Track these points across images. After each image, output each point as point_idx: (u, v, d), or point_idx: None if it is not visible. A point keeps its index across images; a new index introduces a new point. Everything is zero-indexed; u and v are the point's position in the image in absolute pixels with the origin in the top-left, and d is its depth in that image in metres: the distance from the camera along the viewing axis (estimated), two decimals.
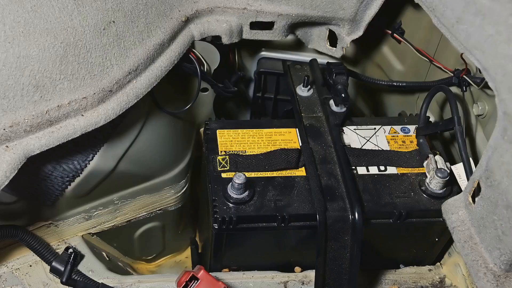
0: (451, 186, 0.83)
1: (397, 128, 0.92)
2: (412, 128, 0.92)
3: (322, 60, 1.00)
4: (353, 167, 0.86)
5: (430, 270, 0.92)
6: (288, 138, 0.89)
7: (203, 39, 0.91)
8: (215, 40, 0.93)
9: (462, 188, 0.81)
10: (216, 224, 0.78)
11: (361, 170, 0.86)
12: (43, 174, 0.78)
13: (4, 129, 0.67)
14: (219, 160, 0.84)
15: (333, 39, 0.97)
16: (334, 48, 0.97)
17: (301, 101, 0.94)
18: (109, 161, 0.84)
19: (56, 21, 0.70)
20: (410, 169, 0.86)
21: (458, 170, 0.84)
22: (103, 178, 0.85)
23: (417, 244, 0.90)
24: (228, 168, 0.83)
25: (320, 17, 0.92)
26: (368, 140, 0.90)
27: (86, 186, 0.84)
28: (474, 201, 0.70)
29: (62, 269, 0.82)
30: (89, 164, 0.81)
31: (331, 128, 0.89)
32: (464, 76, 0.85)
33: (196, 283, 0.76)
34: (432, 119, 0.95)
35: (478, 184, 0.68)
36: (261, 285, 0.86)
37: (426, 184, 0.83)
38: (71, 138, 0.72)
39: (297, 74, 0.99)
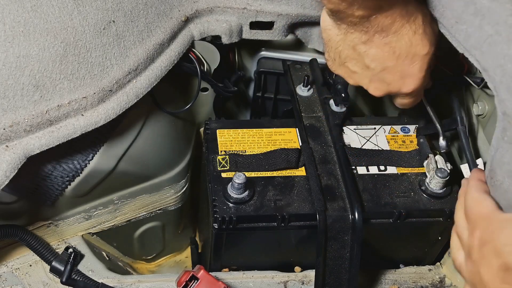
0: (451, 186, 0.83)
1: (397, 128, 0.92)
2: (412, 128, 0.92)
3: (322, 60, 1.00)
4: (353, 167, 0.86)
5: (430, 270, 0.92)
6: (288, 138, 0.89)
7: (203, 39, 0.91)
8: (215, 40, 0.93)
9: None
10: (216, 224, 0.78)
11: (361, 170, 0.86)
12: (43, 174, 0.78)
13: (4, 129, 0.67)
14: (219, 160, 0.84)
15: None
16: None
17: (301, 101, 0.94)
18: (109, 160, 0.84)
19: (56, 20, 0.70)
20: (410, 169, 0.86)
21: (467, 170, 0.84)
22: (103, 178, 0.85)
23: (417, 244, 0.90)
24: (228, 168, 0.83)
25: (320, 16, 0.92)
26: (368, 140, 0.90)
27: (86, 186, 0.85)
28: None
29: (62, 268, 0.83)
30: (89, 163, 0.81)
31: (331, 127, 0.89)
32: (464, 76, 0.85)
33: (196, 283, 0.76)
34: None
35: None
36: (261, 285, 0.86)
37: (426, 184, 0.83)
38: (71, 137, 0.72)
39: (297, 74, 0.99)
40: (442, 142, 0.85)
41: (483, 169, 0.81)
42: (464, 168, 0.84)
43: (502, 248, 0.56)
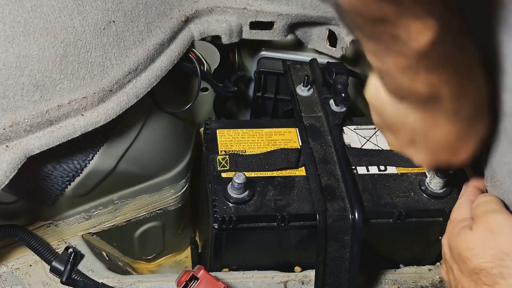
0: (451, 186, 0.83)
1: None
2: None
3: (322, 60, 1.00)
4: (353, 167, 0.86)
5: (430, 270, 0.92)
6: (288, 137, 0.89)
7: (203, 39, 0.91)
8: (214, 40, 0.94)
9: None
10: (216, 224, 0.78)
11: (361, 170, 0.86)
12: (43, 174, 0.78)
13: (4, 129, 0.67)
14: (219, 159, 0.84)
15: (333, 39, 0.97)
16: (334, 48, 0.97)
17: (301, 100, 0.94)
18: (109, 160, 0.84)
19: (56, 20, 0.70)
20: (410, 168, 0.86)
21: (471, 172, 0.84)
22: (103, 178, 0.85)
23: (417, 243, 0.90)
24: (228, 167, 0.83)
25: (320, 17, 0.92)
26: (368, 140, 0.90)
27: (86, 186, 0.85)
28: None
29: (62, 268, 0.82)
30: (89, 163, 0.81)
31: (331, 127, 0.89)
32: None
33: (196, 282, 0.76)
34: None
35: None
36: (261, 285, 0.86)
37: (426, 183, 0.83)
38: (71, 137, 0.72)
39: (297, 74, 0.99)
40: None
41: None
42: (468, 169, 0.84)
43: (466, 253, 0.57)
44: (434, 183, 0.82)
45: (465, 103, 0.56)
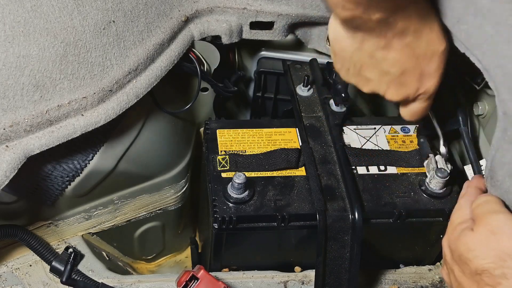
0: (451, 186, 0.83)
1: (397, 127, 0.92)
2: (412, 128, 0.92)
3: (322, 60, 1.00)
4: (353, 167, 0.86)
5: (430, 270, 0.92)
6: (288, 137, 0.89)
7: (203, 39, 0.91)
8: (215, 40, 0.93)
9: None
10: (216, 224, 0.78)
11: (361, 170, 0.86)
12: (43, 174, 0.78)
13: (4, 129, 0.67)
14: (219, 159, 0.84)
15: None
16: None
17: (301, 100, 0.94)
18: (109, 160, 0.84)
19: (56, 20, 0.70)
20: (410, 169, 0.86)
21: (471, 171, 0.84)
22: (103, 178, 0.85)
23: (417, 244, 0.90)
24: (228, 167, 0.83)
25: (320, 17, 0.92)
26: (368, 140, 0.90)
27: (86, 186, 0.85)
28: None
29: (62, 268, 0.83)
30: (89, 163, 0.81)
31: (331, 127, 0.89)
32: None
33: (196, 282, 0.76)
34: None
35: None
36: (261, 285, 0.86)
37: (426, 184, 0.83)
38: (71, 137, 0.72)
39: (297, 74, 0.99)
40: (442, 148, 0.84)
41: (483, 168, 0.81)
42: (468, 169, 0.84)
43: (467, 255, 0.57)
44: (434, 183, 0.82)
45: (410, 22, 0.64)
